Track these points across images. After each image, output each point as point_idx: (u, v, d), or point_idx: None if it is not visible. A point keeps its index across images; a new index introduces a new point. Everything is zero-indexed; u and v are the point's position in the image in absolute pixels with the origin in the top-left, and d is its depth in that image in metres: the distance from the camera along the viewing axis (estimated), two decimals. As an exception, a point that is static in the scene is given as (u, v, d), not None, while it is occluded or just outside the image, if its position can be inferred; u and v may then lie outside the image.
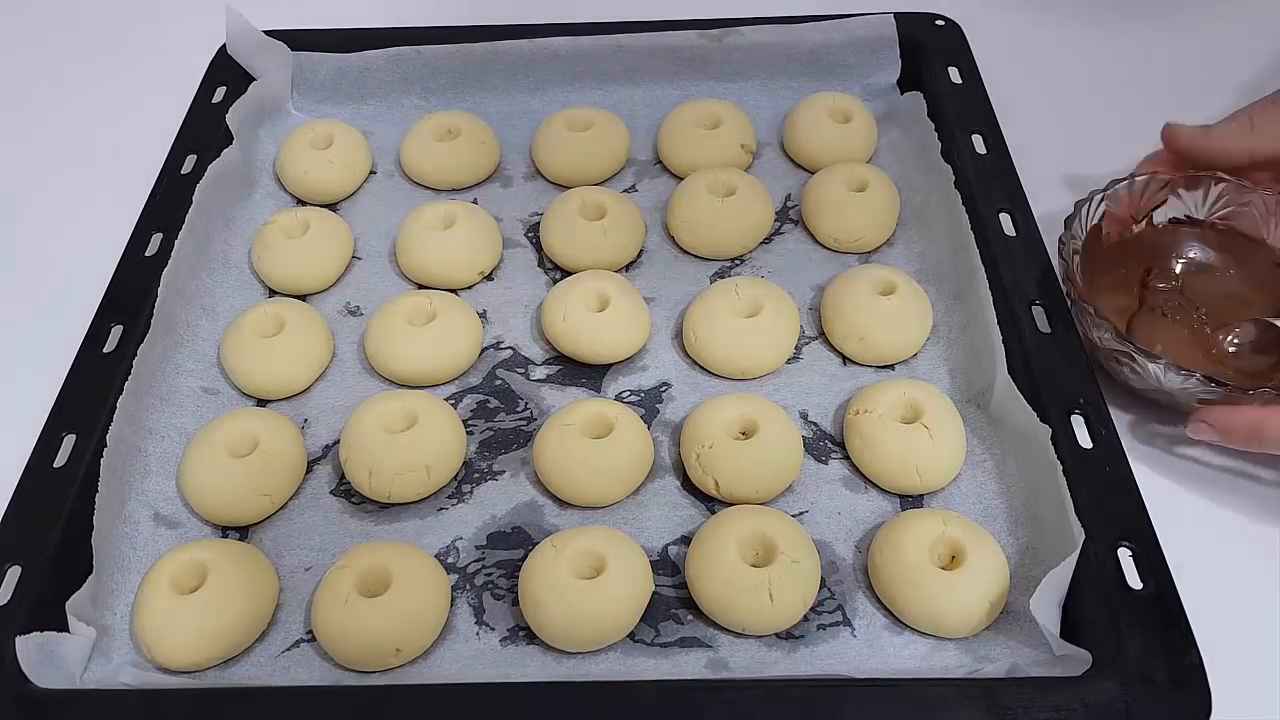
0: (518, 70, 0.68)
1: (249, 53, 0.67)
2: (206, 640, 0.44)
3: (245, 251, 0.61)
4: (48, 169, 0.69)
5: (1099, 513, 0.45)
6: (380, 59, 0.68)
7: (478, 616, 0.46)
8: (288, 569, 0.48)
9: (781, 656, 0.45)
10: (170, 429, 0.52)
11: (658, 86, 0.68)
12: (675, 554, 0.48)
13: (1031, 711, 0.39)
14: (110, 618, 0.46)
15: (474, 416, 0.54)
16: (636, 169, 0.66)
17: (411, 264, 0.59)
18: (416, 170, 0.65)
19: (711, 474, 0.49)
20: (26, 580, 0.45)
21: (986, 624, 0.45)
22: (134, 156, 0.64)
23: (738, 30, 0.67)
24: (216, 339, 0.56)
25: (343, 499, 0.51)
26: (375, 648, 0.44)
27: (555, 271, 0.61)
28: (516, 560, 0.48)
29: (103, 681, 0.44)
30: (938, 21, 0.68)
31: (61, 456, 0.49)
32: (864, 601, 0.46)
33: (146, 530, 0.49)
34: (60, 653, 0.43)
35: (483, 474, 0.51)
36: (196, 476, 0.49)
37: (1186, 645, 0.41)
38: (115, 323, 0.54)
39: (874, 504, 0.50)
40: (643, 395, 0.55)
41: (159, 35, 0.78)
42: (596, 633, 0.44)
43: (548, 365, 0.56)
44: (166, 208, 0.59)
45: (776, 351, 0.55)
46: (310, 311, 0.57)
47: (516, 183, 0.66)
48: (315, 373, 0.55)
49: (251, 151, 0.65)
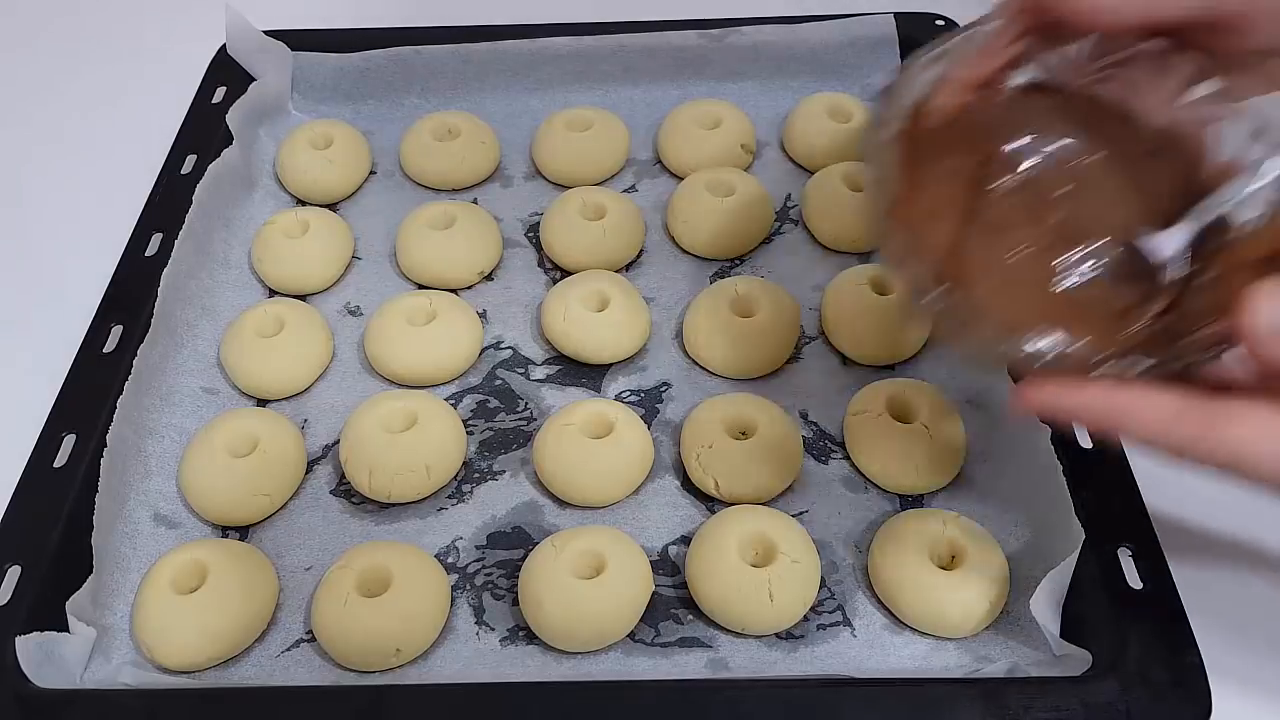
0: (518, 70, 0.68)
1: (249, 53, 0.67)
2: (206, 640, 0.44)
3: (245, 251, 0.61)
4: (47, 169, 0.69)
5: (1099, 513, 0.45)
6: (380, 59, 0.68)
7: (478, 616, 0.46)
8: (288, 569, 0.48)
9: (781, 656, 0.45)
10: (170, 429, 0.52)
11: (658, 86, 0.68)
12: (675, 554, 0.48)
13: (1031, 711, 0.39)
14: (110, 617, 0.46)
15: (474, 416, 0.54)
16: (636, 169, 0.66)
17: (411, 264, 0.59)
18: (416, 170, 0.65)
19: (711, 474, 0.49)
20: (26, 580, 0.45)
21: (986, 624, 0.45)
22: (134, 157, 0.64)
23: (738, 30, 0.67)
24: (216, 339, 0.56)
25: (343, 499, 0.51)
26: (375, 648, 0.44)
27: (555, 271, 0.61)
28: (516, 560, 0.48)
29: (103, 681, 0.44)
30: (938, 21, 0.68)
31: (61, 456, 0.49)
32: (864, 601, 0.46)
33: (146, 530, 0.49)
34: (60, 652, 0.43)
35: (483, 474, 0.51)
36: (196, 476, 0.49)
37: (1186, 645, 0.41)
38: (115, 323, 0.54)
39: (874, 504, 0.50)
40: (643, 395, 0.55)
41: (158, 35, 0.78)
42: (596, 633, 0.44)
43: (548, 365, 0.56)
44: (166, 208, 0.59)
45: (776, 351, 0.55)
46: (310, 311, 0.57)
47: (516, 183, 0.66)
48: (315, 373, 0.55)
49: (251, 151, 0.65)
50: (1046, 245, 0.39)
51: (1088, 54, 0.39)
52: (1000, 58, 0.40)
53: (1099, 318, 0.37)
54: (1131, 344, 0.36)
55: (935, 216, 0.39)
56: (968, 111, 0.40)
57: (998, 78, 0.40)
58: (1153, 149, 0.39)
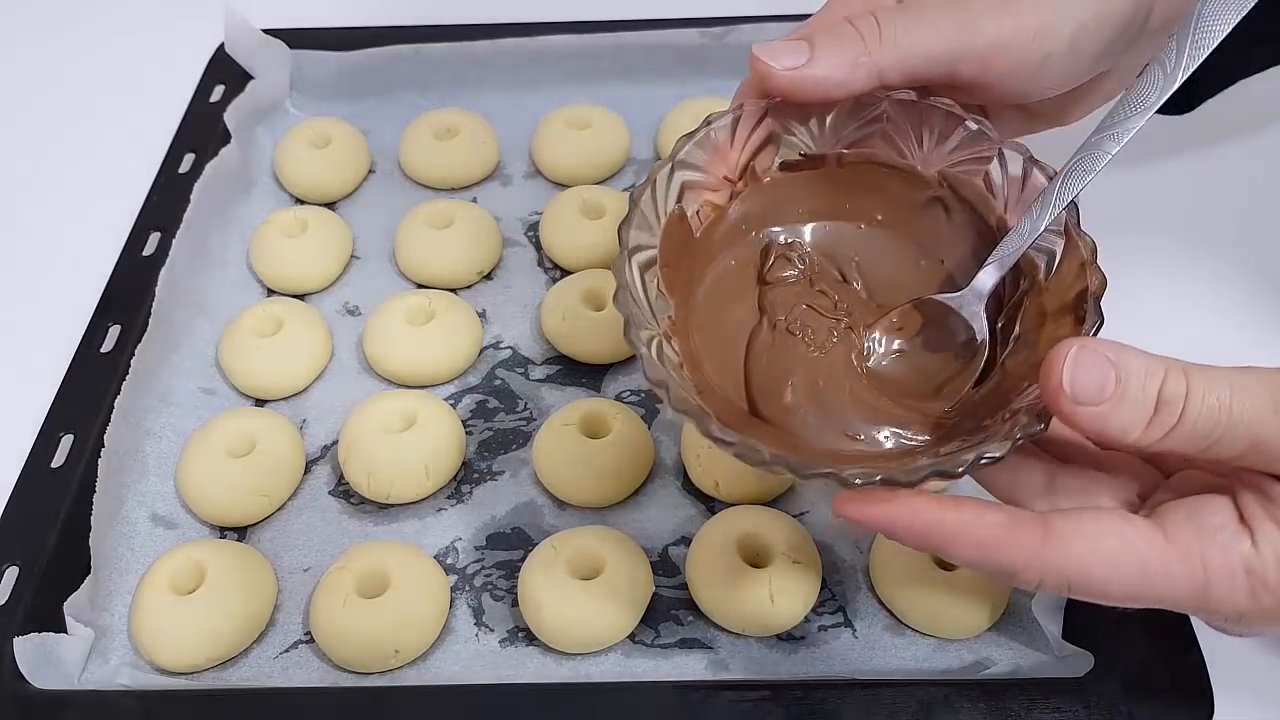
0: (517, 69, 0.68)
1: (247, 51, 0.67)
2: (204, 641, 0.44)
3: (243, 250, 0.60)
4: (45, 167, 0.69)
5: (1101, 513, 0.45)
6: (379, 57, 0.68)
7: (477, 617, 0.46)
8: (286, 569, 0.48)
9: (782, 657, 0.45)
10: (168, 429, 0.52)
11: (657, 86, 0.68)
12: (675, 554, 0.48)
13: (1033, 712, 0.39)
14: (108, 618, 0.46)
15: (473, 416, 0.54)
16: (636, 169, 0.66)
17: (410, 263, 0.59)
18: (415, 169, 0.65)
19: (712, 474, 0.49)
20: (24, 581, 0.45)
21: (988, 625, 0.45)
22: (132, 155, 0.64)
23: (738, 29, 0.67)
24: (214, 339, 0.56)
25: (341, 499, 0.51)
26: (374, 649, 0.44)
27: (555, 271, 0.60)
28: (516, 561, 0.48)
29: (100, 682, 0.43)
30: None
31: (59, 457, 0.49)
32: (865, 602, 0.46)
33: (144, 531, 0.49)
34: (58, 654, 0.42)
35: (482, 474, 0.51)
36: (194, 477, 0.49)
37: (1188, 646, 0.41)
38: (113, 322, 0.54)
39: (875, 504, 0.50)
40: (643, 395, 0.54)
41: (157, 34, 0.78)
42: (596, 634, 0.44)
43: (547, 365, 0.56)
44: (164, 207, 0.59)
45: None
46: (309, 311, 0.57)
47: (516, 182, 0.66)
48: (314, 373, 0.55)
49: (250, 150, 0.64)
50: (847, 331, 0.37)
51: (835, 122, 0.38)
52: (747, 149, 0.38)
53: (917, 397, 0.36)
54: (952, 431, 0.34)
55: (723, 319, 0.37)
56: (728, 212, 0.38)
57: (752, 167, 0.38)
58: (933, 195, 0.38)
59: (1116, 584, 0.31)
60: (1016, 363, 0.36)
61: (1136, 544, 0.31)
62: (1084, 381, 0.30)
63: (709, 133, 0.37)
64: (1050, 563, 0.31)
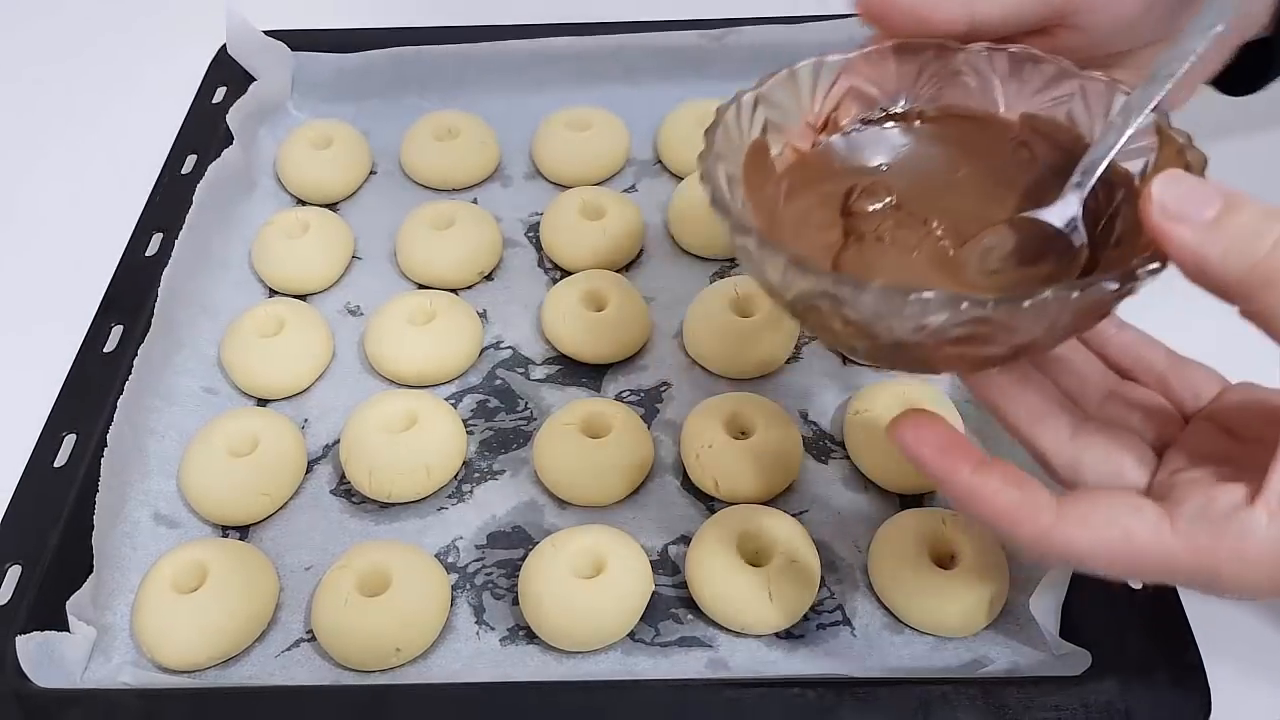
0: (518, 70, 0.68)
1: (249, 53, 0.67)
2: (207, 640, 0.44)
3: (245, 251, 0.61)
4: (48, 169, 0.69)
5: (1099, 512, 0.45)
6: (380, 59, 0.68)
7: (478, 616, 0.46)
8: (288, 568, 0.48)
9: (781, 656, 0.45)
10: (170, 429, 0.52)
11: (658, 86, 0.68)
12: (675, 554, 0.48)
13: (1031, 710, 0.39)
14: (110, 617, 0.46)
15: (474, 416, 0.54)
16: (636, 169, 0.66)
17: (411, 264, 0.59)
18: (416, 170, 0.65)
19: (712, 473, 0.49)
20: (27, 580, 0.45)
21: (986, 623, 0.45)
22: (134, 156, 0.64)
23: (738, 30, 0.67)
24: (217, 339, 0.56)
25: (343, 498, 0.51)
26: (375, 647, 0.44)
27: (555, 271, 0.61)
28: (516, 560, 0.48)
29: (103, 681, 0.44)
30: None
31: (62, 456, 0.49)
32: (864, 601, 0.46)
33: (147, 530, 0.49)
34: (60, 652, 0.43)
35: (483, 474, 0.52)
36: (197, 476, 0.49)
37: (1186, 645, 0.41)
38: (115, 322, 0.54)
39: (874, 504, 0.50)
40: (643, 395, 0.55)
41: (159, 36, 0.78)
42: (596, 632, 0.44)
43: (548, 365, 0.56)
44: (167, 207, 0.59)
45: (776, 351, 0.55)
46: (310, 311, 0.57)
47: (516, 183, 0.66)
48: (315, 373, 0.55)
49: (252, 151, 0.65)
50: (935, 246, 0.37)
51: (914, 77, 0.39)
52: (829, 100, 0.39)
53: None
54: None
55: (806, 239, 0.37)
56: (810, 156, 0.39)
57: (833, 118, 0.39)
58: (1018, 139, 0.38)
59: (1120, 571, 0.32)
60: (1114, 256, 0.35)
61: (1142, 537, 0.32)
62: (1186, 196, 0.29)
63: (793, 72, 0.38)
64: (1055, 546, 0.32)
